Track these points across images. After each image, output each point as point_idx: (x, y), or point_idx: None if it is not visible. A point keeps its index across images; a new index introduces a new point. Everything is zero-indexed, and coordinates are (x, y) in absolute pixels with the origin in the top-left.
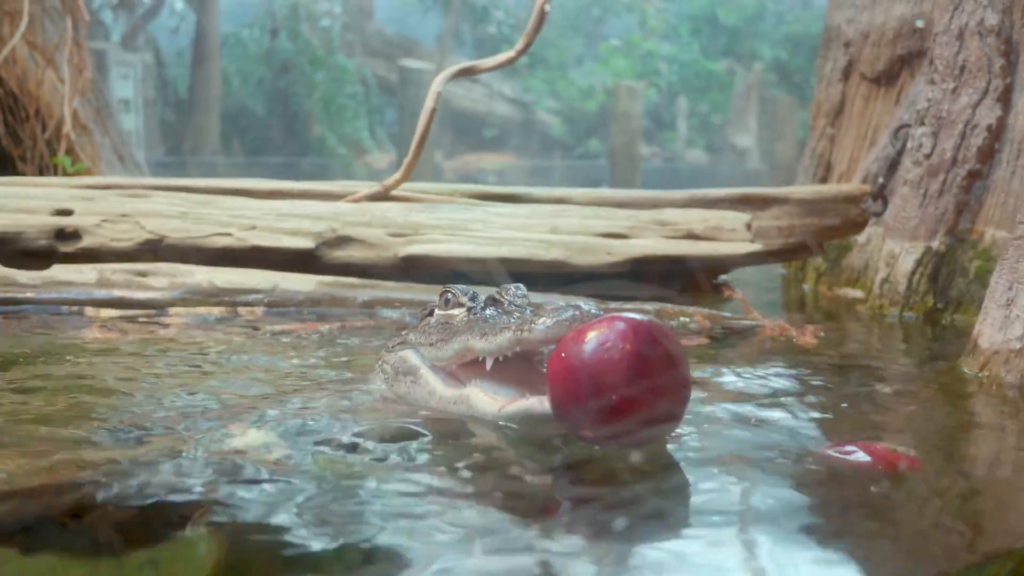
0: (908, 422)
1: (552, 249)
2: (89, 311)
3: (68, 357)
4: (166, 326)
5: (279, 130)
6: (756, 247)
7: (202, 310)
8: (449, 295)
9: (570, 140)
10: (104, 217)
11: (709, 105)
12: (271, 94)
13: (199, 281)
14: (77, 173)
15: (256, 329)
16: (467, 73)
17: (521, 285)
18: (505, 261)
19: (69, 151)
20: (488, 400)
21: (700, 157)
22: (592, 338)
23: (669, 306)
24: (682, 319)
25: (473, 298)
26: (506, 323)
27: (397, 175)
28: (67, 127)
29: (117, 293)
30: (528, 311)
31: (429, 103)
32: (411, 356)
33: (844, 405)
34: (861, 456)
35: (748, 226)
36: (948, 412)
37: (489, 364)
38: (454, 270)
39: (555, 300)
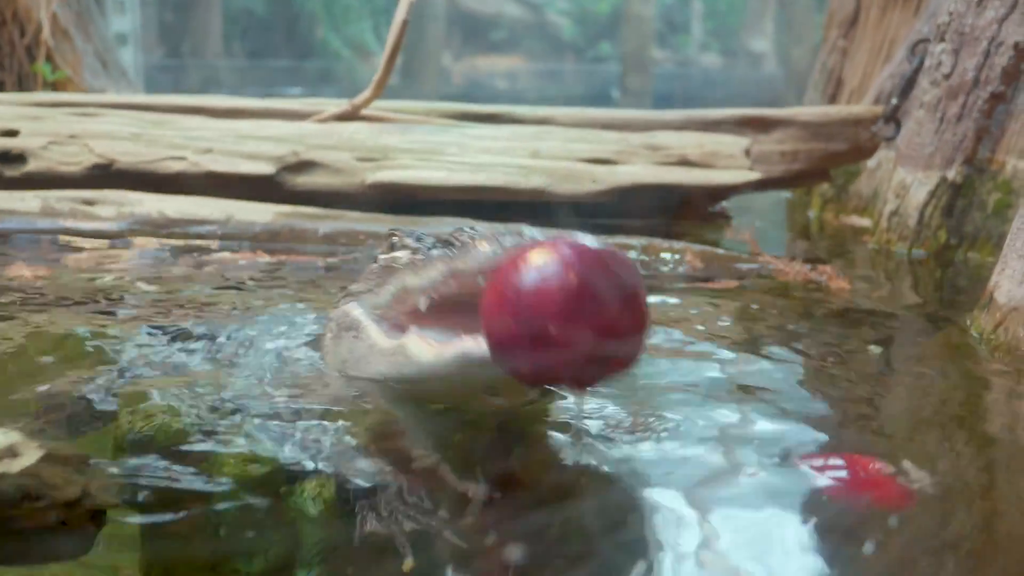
0: (913, 413)
1: (532, 176)
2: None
3: None
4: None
5: (281, 32)
6: (754, 175)
7: (152, 243)
8: (395, 238)
9: (581, 43)
10: (51, 139)
11: (725, 7)
12: None
13: (148, 211)
14: (57, 81)
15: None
16: None
17: (476, 225)
18: (481, 189)
19: (49, 58)
20: (425, 347)
21: (714, 61)
22: (529, 265)
23: (657, 241)
24: (672, 256)
25: (420, 239)
26: (436, 256)
27: (367, 92)
28: (45, 33)
29: (62, 223)
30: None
31: (400, 14)
32: (353, 309)
33: (841, 389)
34: (842, 476)
35: (747, 152)
36: (960, 394)
37: (423, 304)
38: (426, 198)
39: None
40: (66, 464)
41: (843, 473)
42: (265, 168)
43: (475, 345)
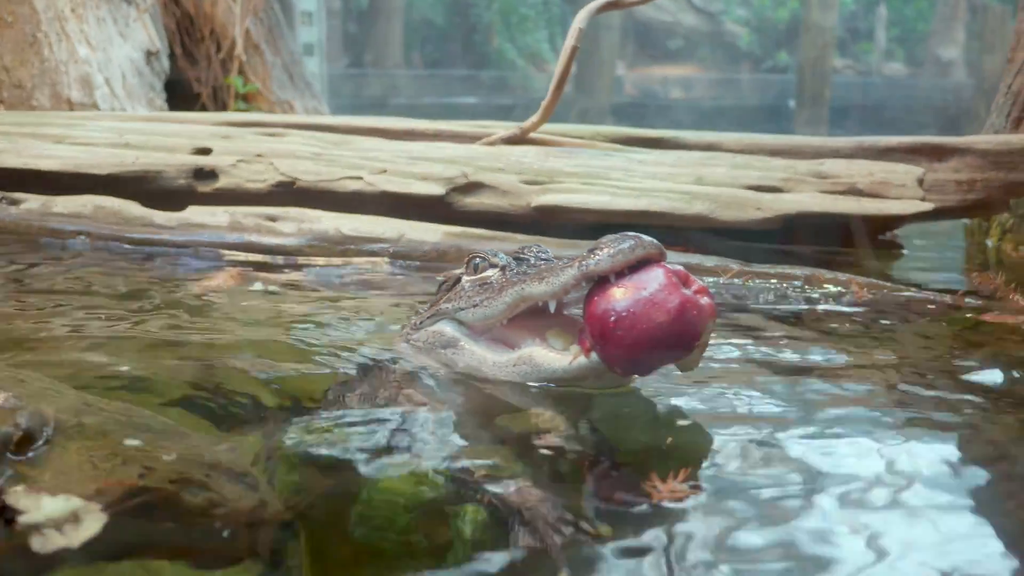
0: None
1: (695, 202)
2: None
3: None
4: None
5: (458, 42)
6: (927, 206)
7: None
8: (477, 260)
9: (758, 52)
10: (240, 157)
11: (912, 13)
12: (451, 5)
13: (326, 228)
14: (248, 92)
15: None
16: (612, 7)
17: (541, 244)
18: (644, 214)
19: (241, 71)
20: (556, 356)
21: (899, 70)
22: (643, 292)
23: (822, 272)
24: (836, 288)
25: (500, 258)
26: (561, 264)
27: (535, 117)
28: (239, 48)
29: (248, 237)
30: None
31: (570, 40)
32: (447, 328)
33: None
34: None
35: (920, 181)
36: None
37: (553, 307)
38: (590, 222)
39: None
40: (239, 477)
41: None
42: (436, 189)
43: (596, 359)
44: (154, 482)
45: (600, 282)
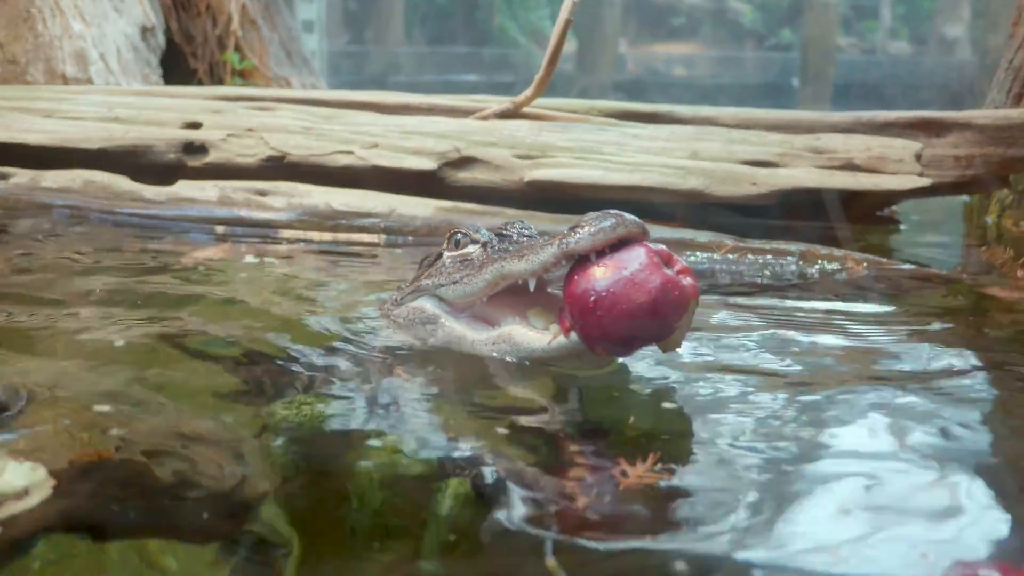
0: None
1: (690, 177)
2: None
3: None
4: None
5: (460, 19)
6: (924, 181)
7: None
8: (459, 235)
9: (762, 29)
10: (230, 131)
11: None
12: None
13: (316, 202)
14: (244, 69)
15: None
16: None
17: (525, 220)
18: (637, 189)
19: (237, 48)
20: (535, 335)
21: (903, 49)
22: (622, 273)
23: (817, 247)
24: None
25: (482, 233)
26: (542, 242)
27: (528, 91)
28: (235, 24)
29: (237, 212)
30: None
31: (563, 14)
32: (427, 305)
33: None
34: None
35: (917, 156)
36: None
37: (532, 285)
38: (583, 197)
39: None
40: (221, 451)
41: None
42: (427, 163)
43: (575, 339)
44: (128, 454)
45: (581, 261)
